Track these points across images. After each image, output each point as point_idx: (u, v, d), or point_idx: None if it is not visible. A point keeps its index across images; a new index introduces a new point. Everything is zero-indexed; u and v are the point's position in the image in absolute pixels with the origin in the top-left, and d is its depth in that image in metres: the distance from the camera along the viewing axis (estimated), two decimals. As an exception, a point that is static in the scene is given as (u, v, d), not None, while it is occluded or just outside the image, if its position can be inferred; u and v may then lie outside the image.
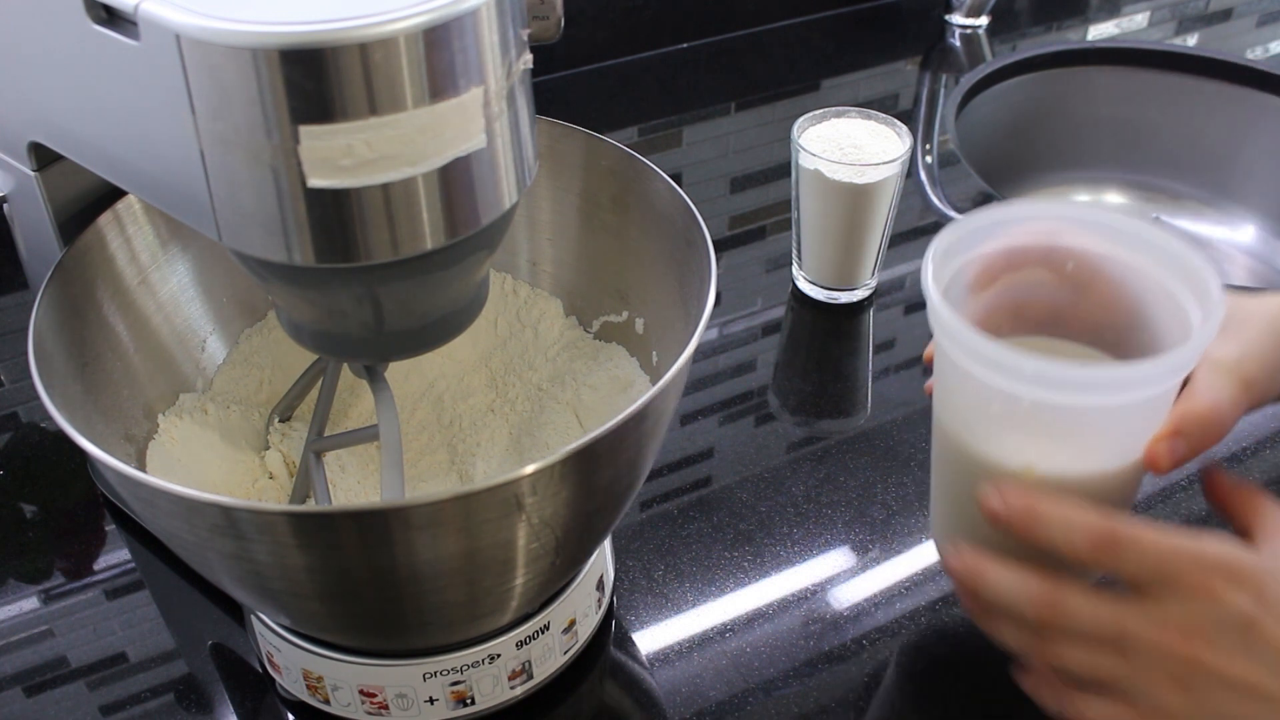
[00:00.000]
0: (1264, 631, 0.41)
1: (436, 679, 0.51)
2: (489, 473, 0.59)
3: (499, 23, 0.38)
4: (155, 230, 0.57)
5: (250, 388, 0.61)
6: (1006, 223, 0.48)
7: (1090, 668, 0.44)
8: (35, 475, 0.69)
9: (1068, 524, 0.43)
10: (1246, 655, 0.41)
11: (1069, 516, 0.43)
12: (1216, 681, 0.41)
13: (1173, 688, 0.42)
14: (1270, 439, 0.70)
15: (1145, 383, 0.43)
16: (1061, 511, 0.44)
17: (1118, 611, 0.43)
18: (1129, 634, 0.43)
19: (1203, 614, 0.41)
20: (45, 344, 0.48)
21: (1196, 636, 0.41)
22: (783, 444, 0.71)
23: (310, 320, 0.45)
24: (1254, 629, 0.41)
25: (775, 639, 0.59)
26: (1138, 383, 0.43)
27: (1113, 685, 0.44)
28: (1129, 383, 0.43)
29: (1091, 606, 0.43)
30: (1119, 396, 0.44)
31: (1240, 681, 0.41)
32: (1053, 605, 0.44)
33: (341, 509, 0.45)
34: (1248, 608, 0.41)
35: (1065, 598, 0.44)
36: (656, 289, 0.59)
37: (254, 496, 0.57)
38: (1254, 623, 0.41)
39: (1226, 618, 0.41)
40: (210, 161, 0.38)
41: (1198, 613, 0.41)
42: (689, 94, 1.07)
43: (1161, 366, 0.42)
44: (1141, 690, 0.43)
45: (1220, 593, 0.41)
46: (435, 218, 0.39)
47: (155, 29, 0.36)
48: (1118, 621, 0.43)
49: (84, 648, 0.59)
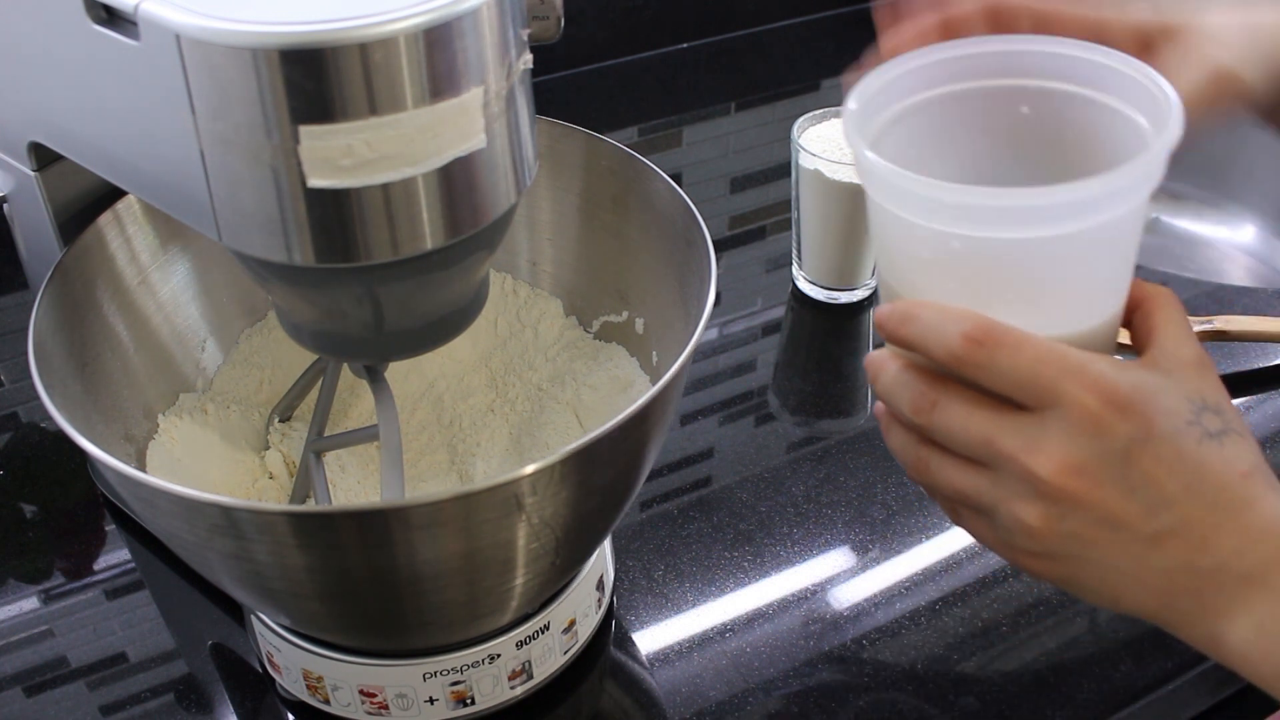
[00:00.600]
0: (1142, 464, 0.38)
1: (436, 679, 0.51)
2: (489, 473, 0.59)
3: (499, 23, 0.38)
4: (155, 230, 0.57)
5: (250, 388, 0.61)
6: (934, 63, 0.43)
7: (958, 489, 0.41)
8: (35, 475, 0.69)
9: (940, 319, 0.39)
10: (1118, 486, 0.38)
11: (943, 312, 0.40)
12: (1082, 511, 0.39)
13: (1032, 511, 0.39)
14: (1270, 439, 0.70)
15: (1088, 206, 0.38)
16: (937, 308, 0.40)
17: (993, 422, 0.39)
18: (998, 450, 0.39)
19: (1083, 443, 0.38)
20: (45, 344, 0.48)
21: (1071, 465, 0.38)
22: (783, 444, 0.71)
23: (310, 320, 0.45)
24: (1133, 460, 0.38)
25: (775, 639, 0.59)
26: (1079, 207, 0.37)
27: (977, 505, 0.41)
28: (1069, 207, 0.37)
29: (965, 413, 0.40)
30: (1060, 226, 0.38)
31: (1107, 513, 0.39)
32: (930, 408, 0.40)
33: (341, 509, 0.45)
34: (1132, 439, 0.38)
35: (944, 401, 0.40)
36: (656, 289, 0.59)
37: (254, 496, 0.57)
38: (1134, 454, 0.38)
39: (1108, 449, 0.38)
40: (210, 161, 0.38)
41: (1077, 441, 0.38)
42: (689, 94, 1.07)
43: (1107, 184, 0.37)
44: (1001, 509, 0.40)
45: (1107, 423, 0.38)
46: (435, 218, 0.39)
47: (155, 29, 0.36)
48: (989, 434, 0.39)
49: (84, 648, 0.59)
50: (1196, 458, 0.39)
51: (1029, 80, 0.44)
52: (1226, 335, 0.74)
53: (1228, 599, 0.39)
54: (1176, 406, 0.39)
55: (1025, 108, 0.44)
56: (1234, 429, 0.40)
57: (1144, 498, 0.39)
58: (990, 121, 0.45)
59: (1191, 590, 0.39)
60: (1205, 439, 0.39)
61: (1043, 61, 0.43)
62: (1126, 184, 0.38)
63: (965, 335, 0.39)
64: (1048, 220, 0.38)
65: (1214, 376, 0.41)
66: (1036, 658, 0.58)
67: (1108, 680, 0.57)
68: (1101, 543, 0.39)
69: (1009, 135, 0.45)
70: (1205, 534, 0.39)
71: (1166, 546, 0.39)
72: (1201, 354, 0.41)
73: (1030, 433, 0.39)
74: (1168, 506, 0.39)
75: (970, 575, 0.62)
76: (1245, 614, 0.39)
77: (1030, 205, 0.38)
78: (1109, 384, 0.38)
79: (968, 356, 0.39)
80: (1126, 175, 0.37)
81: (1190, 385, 0.40)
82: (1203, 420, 0.39)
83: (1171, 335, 0.41)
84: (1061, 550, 0.40)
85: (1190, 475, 0.39)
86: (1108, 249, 0.40)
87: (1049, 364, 0.38)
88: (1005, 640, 0.59)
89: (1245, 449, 0.40)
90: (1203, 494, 0.39)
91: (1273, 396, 0.73)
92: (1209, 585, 0.39)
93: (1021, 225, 0.38)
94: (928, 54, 0.44)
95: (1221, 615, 0.39)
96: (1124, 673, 0.57)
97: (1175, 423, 0.39)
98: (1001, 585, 0.62)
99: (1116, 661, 0.58)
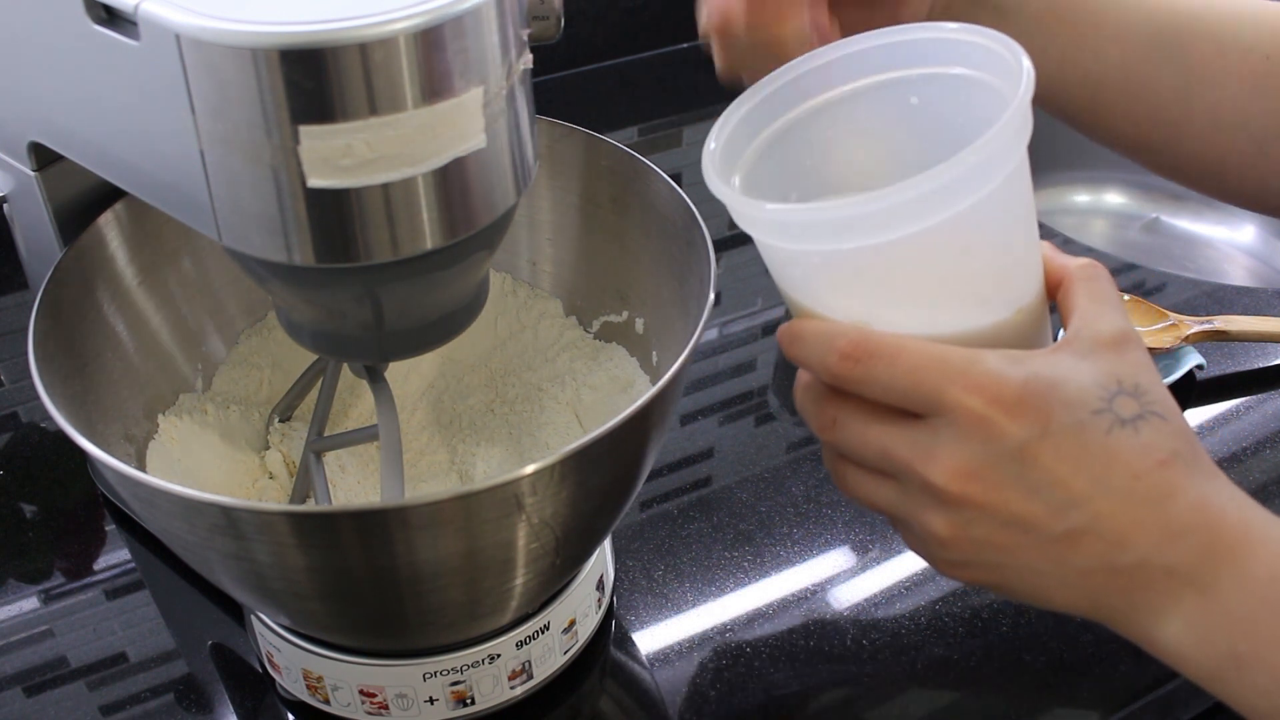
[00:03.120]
0: (1041, 462, 0.37)
1: (436, 679, 0.51)
2: (489, 473, 0.59)
3: (499, 23, 0.38)
4: (155, 230, 0.57)
5: (250, 388, 0.61)
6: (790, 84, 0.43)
7: (873, 502, 0.41)
8: (35, 475, 0.69)
9: (820, 338, 0.39)
10: (1019, 488, 0.37)
11: (823, 330, 0.39)
12: (986, 516, 0.37)
13: (938, 520, 0.38)
14: (1270, 439, 0.70)
15: (926, 201, 0.36)
16: (818, 328, 0.39)
17: (888, 434, 0.39)
18: (895, 460, 0.38)
19: (974, 448, 0.37)
20: (45, 344, 0.48)
21: (964, 470, 0.37)
22: (783, 444, 0.71)
23: (310, 320, 0.45)
24: (1030, 459, 0.37)
25: (775, 639, 0.59)
26: (918, 204, 0.36)
27: (894, 516, 0.41)
28: (906, 206, 0.36)
29: (863, 426, 0.39)
30: (907, 225, 0.36)
31: (1011, 515, 0.37)
32: (831, 425, 0.40)
33: (341, 509, 0.45)
34: (1026, 438, 0.36)
35: (843, 416, 0.40)
36: (656, 289, 0.59)
37: (254, 496, 0.57)
38: (1031, 453, 0.36)
39: (1002, 452, 0.37)
40: (210, 161, 0.38)
41: (968, 445, 0.37)
42: (689, 94, 1.07)
43: (937, 178, 0.35)
44: (913, 521, 0.39)
45: (996, 424, 0.36)
46: (435, 218, 0.39)
47: (155, 29, 0.36)
48: (885, 446, 0.39)
49: (84, 648, 0.59)
50: (1105, 449, 0.37)
51: (910, 70, 0.43)
52: (1226, 335, 0.74)
53: (1155, 596, 0.38)
54: (1082, 396, 0.37)
55: (914, 98, 0.43)
56: (1154, 411, 0.37)
57: (1049, 497, 0.37)
58: (884, 119, 0.44)
59: (1117, 589, 0.38)
60: (1117, 427, 0.37)
61: (924, 49, 0.42)
62: (965, 171, 0.36)
63: (840, 353, 0.38)
64: (893, 221, 0.37)
65: (1136, 354, 0.39)
66: (1036, 658, 0.58)
67: (1108, 680, 0.57)
68: (1015, 547, 0.38)
69: (909, 129, 0.44)
70: (1122, 530, 0.37)
71: (1082, 545, 0.37)
72: (1122, 330, 0.39)
73: (923, 441, 0.38)
74: (1076, 505, 0.37)
75: (970, 575, 0.62)
76: (1174, 612, 0.37)
77: (863, 212, 0.36)
78: (994, 384, 0.37)
79: (846, 374, 0.38)
80: (960, 164, 0.36)
81: (1106, 368, 0.38)
82: (1115, 406, 0.37)
83: (1088, 314, 0.40)
84: (978, 558, 0.39)
85: (1099, 468, 0.37)
86: (982, 236, 0.38)
87: (928, 371, 0.37)
88: (1005, 640, 0.59)
89: (1166, 433, 0.37)
90: (1114, 488, 0.37)
91: (1273, 396, 0.73)
92: (1134, 583, 0.38)
93: (865, 232, 0.37)
94: (797, 65, 0.43)
95: (1150, 613, 0.38)
96: (1124, 673, 0.57)
97: (1079, 414, 0.37)
98: (1001, 585, 0.62)
99: (1116, 661, 0.58)
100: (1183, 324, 0.75)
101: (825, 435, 0.41)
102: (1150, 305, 0.77)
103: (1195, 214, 1.12)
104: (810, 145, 0.44)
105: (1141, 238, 1.13)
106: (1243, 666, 0.37)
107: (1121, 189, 1.15)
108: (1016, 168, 0.38)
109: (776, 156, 0.44)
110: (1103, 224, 1.14)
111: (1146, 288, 0.83)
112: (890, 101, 0.44)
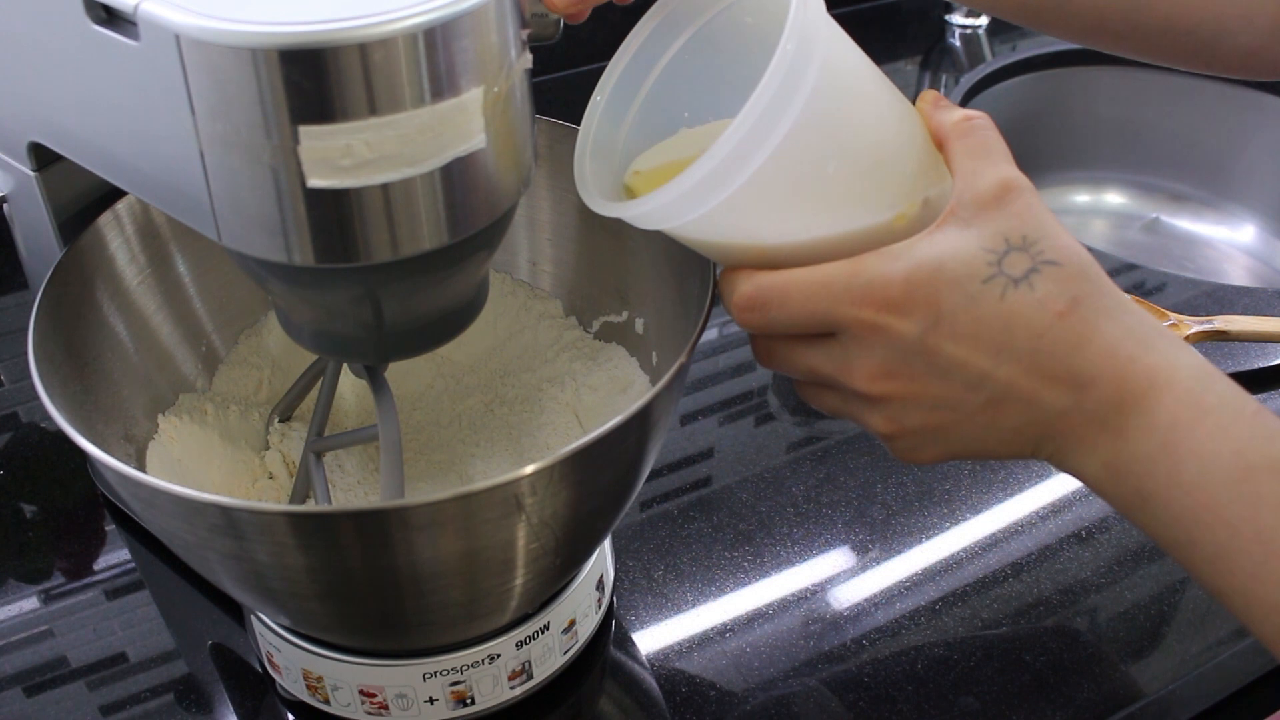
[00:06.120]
0: (942, 348, 0.39)
1: (436, 679, 0.51)
2: (489, 473, 0.59)
3: (499, 23, 0.38)
4: (155, 230, 0.57)
5: (250, 388, 0.61)
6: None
7: (833, 409, 0.44)
8: (35, 475, 0.69)
9: (725, 293, 0.42)
10: (932, 375, 0.39)
11: (724, 288, 0.42)
12: (912, 405, 0.40)
13: (876, 418, 0.41)
14: (1270, 439, 0.70)
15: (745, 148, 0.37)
16: (723, 282, 0.42)
17: (810, 356, 0.42)
18: (825, 377, 0.42)
19: (879, 352, 0.39)
20: (45, 344, 0.48)
21: (878, 372, 0.40)
22: (783, 444, 0.71)
23: (310, 320, 0.45)
24: (931, 347, 0.39)
25: (775, 639, 0.59)
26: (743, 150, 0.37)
27: (853, 420, 0.43)
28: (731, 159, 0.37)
29: (790, 355, 0.42)
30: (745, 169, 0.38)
31: (934, 399, 0.40)
32: (768, 356, 0.43)
33: (341, 509, 0.45)
34: (922, 330, 0.39)
35: (775, 346, 0.43)
36: (656, 289, 0.59)
37: (254, 496, 0.57)
38: (930, 342, 0.39)
39: (905, 349, 0.39)
40: (210, 162, 0.38)
41: (875, 352, 0.39)
42: (689, 94, 1.07)
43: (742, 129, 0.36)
44: (863, 422, 0.42)
45: (890, 326, 0.39)
46: (435, 218, 0.39)
47: (155, 29, 0.36)
48: (811, 368, 0.42)
49: (84, 648, 0.59)
50: (1001, 316, 0.38)
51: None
52: (1226, 335, 0.74)
53: (1078, 439, 0.40)
54: (969, 269, 0.38)
55: (749, 18, 0.44)
56: (1046, 260, 0.38)
57: (960, 377, 0.39)
58: (733, 51, 0.45)
59: (1047, 436, 0.40)
60: (1010, 289, 0.38)
61: None
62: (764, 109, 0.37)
63: (739, 308, 0.41)
64: (732, 174, 0.38)
65: (1020, 202, 0.39)
66: (1036, 658, 0.58)
67: (1108, 680, 0.57)
68: (949, 424, 0.41)
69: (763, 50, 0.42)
70: (1035, 391, 0.39)
71: (1004, 410, 0.40)
72: (1002, 181, 0.39)
73: (837, 356, 0.41)
74: (986, 378, 0.39)
75: (970, 575, 0.62)
76: (1094, 453, 0.40)
77: (694, 182, 0.38)
78: (878, 289, 0.38)
79: (753, 324, 0.41)
80: (755, 108, 0.36)
81: (991, 229, 0.39)
82: (1005, 267, 0.38)
83: (967, 172, 0.40)
84: (922, 441, 0.42)
85: (999, 338, 0.38)
86: (822, 148, 0.39)
87: (816, 299, 0.39)
88: (1005, 640, 0.59)
89: (1062, 280, 0.38)
90: (1018, 353, 0.38)
91: (1273, 396, 0.73)
92: (1060, 430, 0.40)
93: (705, 196, 0.38)
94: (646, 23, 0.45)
95: (1076, 454, 0.40)
96: (1124, 673, 0.57)
97: (968, 289, 0.38)
98: (1001, 585, 0.62)
99: (1116, 661, 0.58)
100: (1183, 324, 0.75)
101: (773, 366, 0.44)
102: (1150, 305, 0.77)
103: (1195, 214, 1.12)
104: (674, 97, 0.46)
105: (1141, 238, 1.13)
106: (1148, 503, 0.39)
107: (1121, 189, 1.15)
108: (819, 77, 0.38)
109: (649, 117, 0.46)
110: (1103, 224, 1.14)
111: (1146, 288, 0.83)
112: (729, 32, 0.45)
